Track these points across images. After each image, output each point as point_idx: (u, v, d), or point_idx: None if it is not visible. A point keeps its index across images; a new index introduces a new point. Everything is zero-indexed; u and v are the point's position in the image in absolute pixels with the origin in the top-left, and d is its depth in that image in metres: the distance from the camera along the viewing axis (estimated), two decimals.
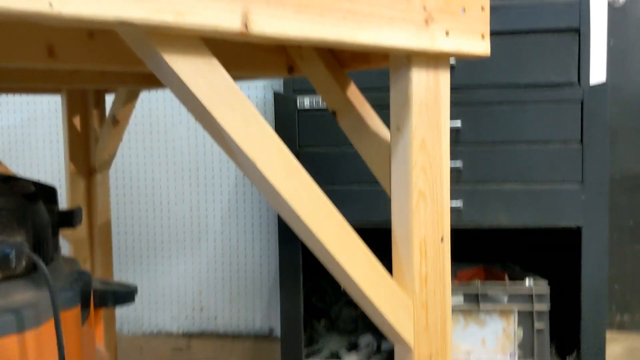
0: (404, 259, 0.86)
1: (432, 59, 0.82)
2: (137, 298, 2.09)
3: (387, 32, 0.73)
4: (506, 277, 1.47)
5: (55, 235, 0.99)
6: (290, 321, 1.40)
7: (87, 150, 1.69)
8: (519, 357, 1.36)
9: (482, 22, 0.86)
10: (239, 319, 2.11)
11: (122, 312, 2.17)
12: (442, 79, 0.85)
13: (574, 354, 1.36)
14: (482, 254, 1.71)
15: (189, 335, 2.13)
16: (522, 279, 1.45)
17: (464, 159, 1.32)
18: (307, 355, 1.44)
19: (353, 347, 1.51)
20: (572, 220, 1.29)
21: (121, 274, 2.16)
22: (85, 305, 0.92)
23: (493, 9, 1.01)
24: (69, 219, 1.01)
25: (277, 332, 2.06)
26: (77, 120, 1.67)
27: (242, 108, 0.65)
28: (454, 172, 1.32)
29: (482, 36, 0.86)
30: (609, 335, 2.04)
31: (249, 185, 2.06)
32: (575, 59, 1.31)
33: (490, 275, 1.57)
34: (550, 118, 1.29)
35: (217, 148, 2.08)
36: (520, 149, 1.30)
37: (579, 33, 1.31)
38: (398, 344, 0.86)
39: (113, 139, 1.68)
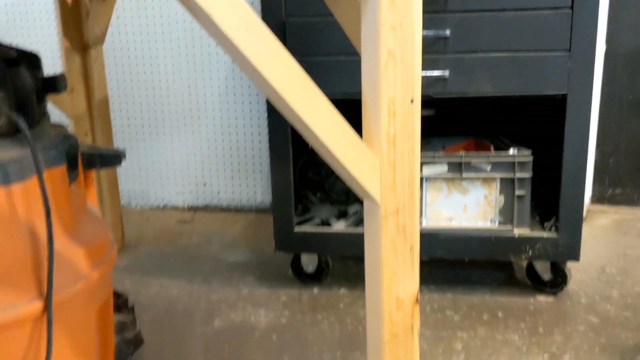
0: (372, 119, 0.88)
1: None
2: (142, 173, 2.16)
3: None
4: (492, 148, 1.49)
5: (40, 101, 1.02)
6: (280, 191, 1.45)
7: (79, 26, 1.69)
8: (499, 223, 1.42)
9: None
10: (240, 194, 2.19)
11: (129, 187, 2.26)
12: None
13: (552, 220, 1.41)
14: (472, 128, 1.73)
15: (194, 209, 2.23)
16: (507, 147, 1.47)
17: (451, 27, 1.30)
18: (299, 223, 1.51)
19: (342, 215, 1.58)
20: (557, 88, 1.29)
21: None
22: (72, 166, 0.97)
23: None
24: (52, 84, 1.03)
25: None
26: None
27: None
28: (441, 40, 1.31)
29: None
30: (600, 207, 2.10)
31: None
32: None
33: (480, 148, 1.60)
34: None
35: None
36: (508, 15, 1.28)
37: None
38: (366, 200, 0.90)
39: (104, 13, 1.67)
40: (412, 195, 0.93)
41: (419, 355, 0.96)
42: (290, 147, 1.43)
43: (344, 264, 1.67)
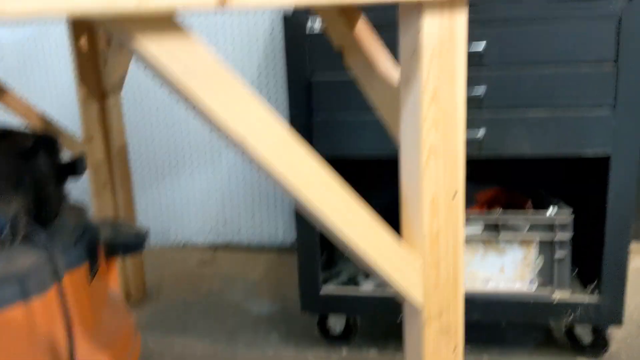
0: (413, 218, 0.82)
1: (447, 4, 0.73)
2: (163, 211, 2.12)
3: None
4: (529, 202, 1.42)
5: (59, 186, 0.98)
6: (306, 251, 1.40)
7: (96, 73, 1.64)
8: (538, 285, 1.35)
9: None
10: (262, 232, 2.14)
11: (149, 226, 2.21)
12: (459, 21, 0.76)
13: (595, 283, 1.34)
14: (503, 180, 1.65)
15: (214, 247, 2.18)
16: (546, 203, 1.40)
17: (487, 83, 1.23)
18: (325, 280, 1.46)
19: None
20: (601, 149, 1.22)
21: (144, 191, 2.18)
22: (93, 260, 0.92)
23: None
24: (72, 169, 0.99)
25: None
26: (83, 41, 1.61)
27: (227, 86, 0.59)
28: (475, 99, 1.24)
29: None
30: (634, 246, 2.01)
31: (266, 91, 2.00)
32: None
33: (511, 198, 1.53)
34: (583, 36, 1.18)
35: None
36: (548, 71, 1.20)
37: None
38: (407, 302, 0.84)
39: (121, 60, 1.62)
40: (455, 294, 0.87)
41: None
42: None
43: (373, 321, 1.61)
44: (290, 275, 1.92)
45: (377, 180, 1.56)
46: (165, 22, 0.53)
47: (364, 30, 0.92)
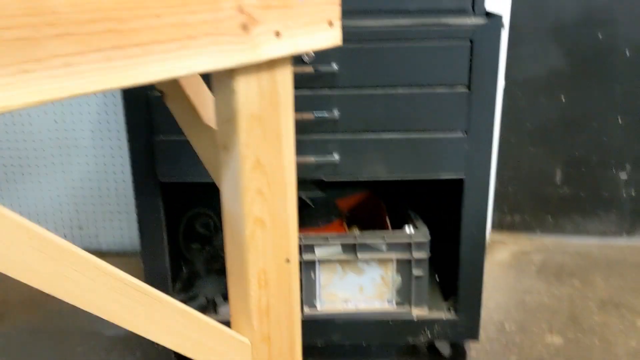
0: (239, 295, 0.74)
1: (265, 66, 0.64)
2: None
3: (180, 62, 0.54)
4: (386, 218, 1.38)
5: None
6: (154, 277, 1.29)
7: None
8: (397, 303, 1.33)
9: (330, 5, 0.67)
10: (122, 237, 1.99)
11: None
12: (282, 82, 0.67)
13: (452, 300, 1.34)
14: (366, 183, 1.61)
15: None
16: (405, 218, 1.37)
17: (340, 105, 1.16)
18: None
19: None
20: (454, 172, 1.19)
21: None
22: None
23: None
24: None
25: None
26: None
27: None
28: (329, 121, 1.17)
29: (330, 23, 0.67)
30: (498, 237, 2.07)
31: (119, 96, 1.82)
32: None
33: (372, 206, 1.49)
34: (437, 57, 1.13)
35: None
36: (402, 92, 1.15)
37: None
38: None
39: None
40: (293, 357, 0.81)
41: None
42: (164, 226, 1.26)
43: None
44: None
45: None
46: None
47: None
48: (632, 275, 1.84)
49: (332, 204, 1.49)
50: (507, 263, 1.91)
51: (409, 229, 1.30)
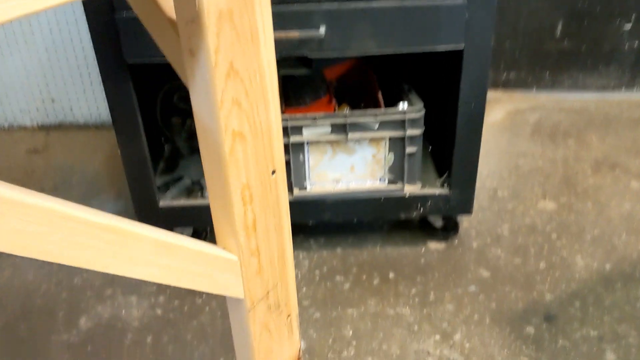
0: (222, 212, 0.68)
1: None
2: None
3: None
4: (379, 94, 1.28)
5: None
6: (133, 162, 1.22)
7: None
8: (389, 181, 1.28)
9: None
10: (98, 109, 1.88)
11: None
12: None
13: (446, 175, 1.29)
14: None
15: (46, 128, 1.91)
16: (399, 92, 1.28)
17: None
18: (164, 185, 1.31)
19: None
20: (453, 43, 1.08)
21: None
22: None
23: None
24: None
25: None
26: None
27: None
28: None
29: None
30: (494, 94, 1.99)
31: None
32: None
33: (363, 76, 1.39)
34: None
35: None
36: None
37: None
38: (228, 297, 0.73)
39: None
40: (284, 269, 0.77)
41: None
42: (137, 109, 1.17)
43: None
44: None
45: None
46: None
47: None
48: (628, 133, 1.79)
49: (320, 76, 1.38)
50: (501, 124, 1.85)
51: (402, 105, 1.21)
